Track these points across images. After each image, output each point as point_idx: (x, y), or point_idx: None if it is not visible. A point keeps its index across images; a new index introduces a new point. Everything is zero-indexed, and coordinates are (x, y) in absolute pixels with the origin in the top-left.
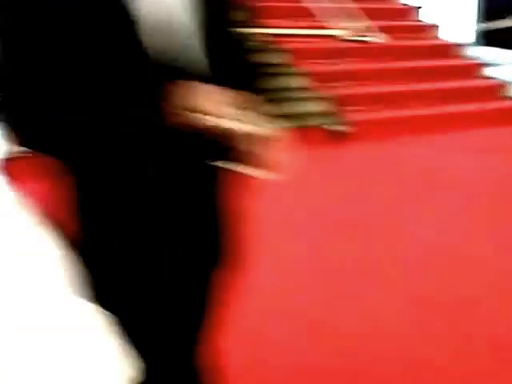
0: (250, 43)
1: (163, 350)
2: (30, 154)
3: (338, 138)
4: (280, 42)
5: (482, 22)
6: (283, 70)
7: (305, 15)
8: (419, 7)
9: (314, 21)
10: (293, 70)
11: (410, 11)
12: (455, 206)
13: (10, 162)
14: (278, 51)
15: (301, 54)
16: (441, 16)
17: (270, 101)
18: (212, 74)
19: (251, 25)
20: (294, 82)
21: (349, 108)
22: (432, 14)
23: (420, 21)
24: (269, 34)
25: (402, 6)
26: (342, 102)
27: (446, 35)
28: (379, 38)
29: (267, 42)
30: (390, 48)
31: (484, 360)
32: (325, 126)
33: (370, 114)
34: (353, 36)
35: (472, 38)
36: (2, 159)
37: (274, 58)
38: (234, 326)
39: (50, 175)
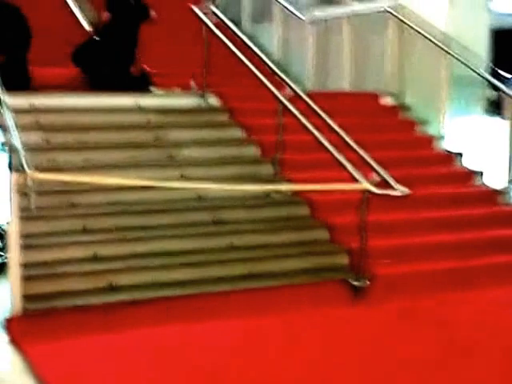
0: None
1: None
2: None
3: (359, 293)
4: (301, 194)
5: None
6: (305, 222)
7: (329, 166)
8: (460, 154)
9: (338, 171)
10: (314, 222)
11: (449, 158)
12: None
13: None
14: (300, 203)
15: (323, 206)
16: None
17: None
18: None
19: (276, 179)
20: (316, 235)
21: (372, 261)
22: (474, 161)
23: (463, 167)
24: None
25: (441, 153)
26: (365, 254)
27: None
28: (404, 189)
29: (289, 194)
30: (420, 197)
31: None
32: (347, 280)
33: (395, 266)
34: (376, 187)
35: None
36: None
37: (296, 211)
38: None
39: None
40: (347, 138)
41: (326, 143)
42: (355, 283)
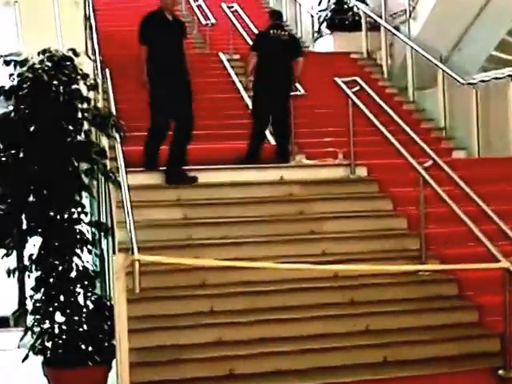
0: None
1: None
2: None
3: None
4: (449, 271)
5: None
6: (452, 302)
7: (475, 238)
8: None
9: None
10: (462, 302)
11: None
12: None
13: None
14: (447, 281)
15: (472, 283)
16: None
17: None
18: None
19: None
20: (463, 317)
21: None
22: None
23: None
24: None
25: None
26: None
27: None
28: None
29: (436, 272)
30: None
31: None
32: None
33: None
34: None
35: None
36: None
37: (442, 289)
38: None
39: None
40: (487, 209)
41: (464, 217)
42: (501, 373)
